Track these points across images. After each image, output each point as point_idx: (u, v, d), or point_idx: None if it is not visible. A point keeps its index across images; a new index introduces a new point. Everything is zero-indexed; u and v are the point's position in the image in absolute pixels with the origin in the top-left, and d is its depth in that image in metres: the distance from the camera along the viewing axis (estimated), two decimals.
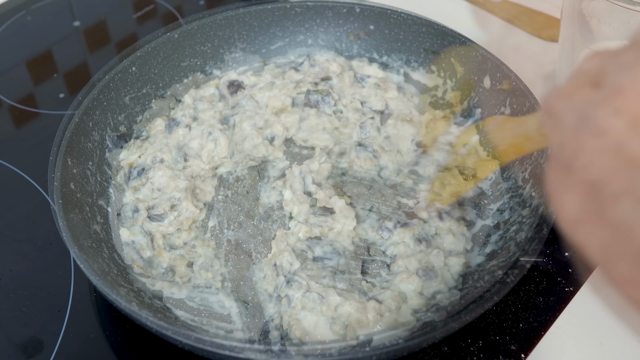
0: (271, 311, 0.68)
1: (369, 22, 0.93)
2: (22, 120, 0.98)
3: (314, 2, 0.93)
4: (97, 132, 0.80)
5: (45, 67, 1.06)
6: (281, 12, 0.94)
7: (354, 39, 0.95)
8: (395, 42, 0.93)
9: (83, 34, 1.13)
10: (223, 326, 0.68)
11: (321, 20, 0.95)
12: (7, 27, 1.14)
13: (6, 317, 0.72)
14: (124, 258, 0.74)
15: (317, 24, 0.95)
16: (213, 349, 0.55)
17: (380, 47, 0.94)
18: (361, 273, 0.71)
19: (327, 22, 0.95)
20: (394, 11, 0.91)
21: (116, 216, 0.78)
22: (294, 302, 0.66)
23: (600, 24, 0.78)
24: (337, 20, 0.95)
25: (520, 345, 0.66)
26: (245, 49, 0.96)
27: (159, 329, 0.57)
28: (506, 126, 0.56)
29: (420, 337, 0.56)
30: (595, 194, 0.31)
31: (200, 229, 0.78)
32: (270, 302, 0.69)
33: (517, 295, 0.71)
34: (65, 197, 0.69)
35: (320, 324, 0.64)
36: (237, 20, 0.93)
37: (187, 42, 0.91)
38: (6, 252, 0.79)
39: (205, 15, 0.92)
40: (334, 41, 0.96)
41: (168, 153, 0.81)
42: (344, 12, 0.94)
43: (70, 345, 0.69)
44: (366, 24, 0.94)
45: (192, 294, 0.71)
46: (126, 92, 0.85)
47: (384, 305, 0.65)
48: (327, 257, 0.71)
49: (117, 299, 0.59)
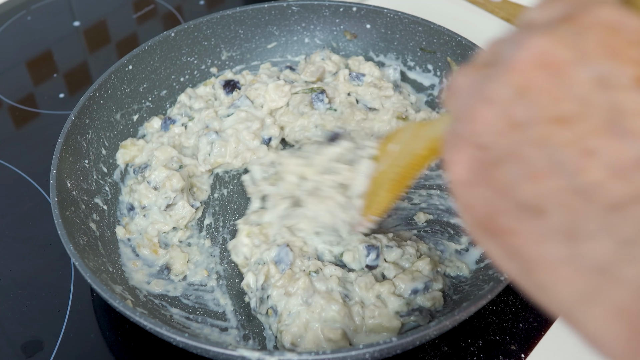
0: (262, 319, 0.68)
1: (365, 21, 0.94)
2: (22, 120, 0.98)
3: (310, 1, 0.93)
4: (94, 130, 0.81)
5: (45, 67, 1.07)
6: (278, 11, 0.94)
7: (350, 38, 0.96)
8: (392, 41, 0.93)
9: (83, 34, 1.14)
10: (218, 324, 0.68)
11: (318, 19, 0.95)
12: (7, 27, 1.14)
13: (6, 317, 0.72)
14: (120, 256, 0.74)
15: (313, 23, 0.95)
16: (207, 346, 0.55)
17: (377, 46, 0.95)
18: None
19: (324, 21, 0.95)
20: (390, 10, 0.91)
21: (112, 214, 0.78)
22: (280, 309, 0.66)
23: None
24: (333, 19, 0.95)
25: (520, 345, 0.66)
26: (241, 47, 0.96)
27: (152, 327, 0.57)
28: (420, 131, 0.59)
29: (413, 334, 0.56)
30: (482, 158, 0.34)
31: (196, 227, 0.78)
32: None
33: (517, 295, 0.70)
34: (61, 194, 0.70)
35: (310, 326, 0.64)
36: (233, 19, 0.93)
37: (184, 41, 0.91)
38: (6, 252, 0.79)
39: (203, 15, 0.93)
40: (331, 40, 0.96)
41: (164, 152, 0.82)
42: (341, 11, 0.94)
43: (70, 345, 0.69)
44: (363, 23, 0.94)
45: (188, 292, 0.72)
46: (122, 90, 0.85)
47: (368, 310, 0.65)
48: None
49: (111, 296, 0.59)
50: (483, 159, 0.34)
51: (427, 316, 0.66)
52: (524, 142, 0.32)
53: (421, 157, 0.58)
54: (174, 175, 0.78)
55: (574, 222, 0.30)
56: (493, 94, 0.34)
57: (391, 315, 0.65)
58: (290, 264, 0.68)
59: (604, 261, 0.29)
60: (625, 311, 0.28)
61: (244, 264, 0.72)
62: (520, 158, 0.32)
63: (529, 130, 0.32)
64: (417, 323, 0.66)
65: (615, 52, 0.31)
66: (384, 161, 0.65)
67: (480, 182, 0.34)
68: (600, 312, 0.29)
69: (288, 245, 0.69)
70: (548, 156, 0.32)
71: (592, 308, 0.30)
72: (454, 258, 0.72)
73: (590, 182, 0.30)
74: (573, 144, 0.31)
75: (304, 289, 0.65)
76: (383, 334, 0.64)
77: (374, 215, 0.67)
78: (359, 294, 0.67)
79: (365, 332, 0.64)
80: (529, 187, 0.32)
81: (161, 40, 0.89)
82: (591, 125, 0.31)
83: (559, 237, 0.31)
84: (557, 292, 0.31)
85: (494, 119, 0.34)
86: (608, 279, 0.29)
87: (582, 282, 0.30)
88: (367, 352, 0.55)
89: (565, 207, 0.31)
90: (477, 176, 0.35)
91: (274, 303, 0.66)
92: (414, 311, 0.66)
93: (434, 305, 0.66)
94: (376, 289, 0.66)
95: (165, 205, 0.77)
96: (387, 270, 0.69)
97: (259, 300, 0.67)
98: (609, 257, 0.29)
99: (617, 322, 0.29)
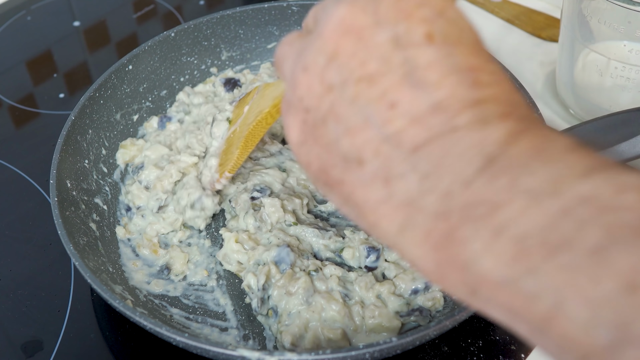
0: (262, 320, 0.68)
1: None
2: (22, 120, 0.98)
3: (310, 1, 0.93)
4: (94, 130, 0.81)
5: (45, 67, 1.07)
6: (278, 11, 0.94)
7: None
8: None
9: (83, 34, 1.14)
10: (218, 324, 0.68)
11: None
12: (7, 27, 1.14)
13: (6, 317, 0.72)
14: (120, 256, 0.74)
15: None
16: (207, 346, 0.55)
17: None
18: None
19: None
20: None
21: (112, 214, 0.78)
22: (280, 310, 0.66)
23: (600, 24, 0.78)
24: None
25: (520, 345, 0.66)
26: (241, 47, 0.96)
27: (152, 327, 0.57)
28: (267, 91, 0.64)
29: (413, 334, 0.56)
30: (308, 120, 0.39)
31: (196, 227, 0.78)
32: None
33: None
34: (61, 194, 0.70)
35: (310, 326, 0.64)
36: (233, 19, 0.93)
37: (184, 41, 0.91)
38: (6, 252, 0.79)
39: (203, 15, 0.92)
40: None
41: (155, 150, 0.81)
42: None
43: (70, 345, 0.69)
44: None
45: (188, 292, 0.72)
46: (122, 90, 0.85)
47: (368, 310, 0.65)
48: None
49: (111, 296, 0.59)
50: (309, 120, 0.39)
51: (427, 316, 0.65)
52: (339, 102, 0.37)
53: (267, 115, 0.63)
54: (165, 176, 0.77)
55: (387, 167, 0.35)
56: (309, 62, 0.38)
57: (391, 315, 0.65)
58: (291, 264, 0.68)
59: (410, 195, 0.34)
60: (429, 234, 0.33)
61: (240, 270, 0.72)
62: (337, 117, 0.37)
63: (341, 92, 0.36)
64: (418, 323, 0.65)
65: (407, 13, 0.35)
66: (237, 121, 0.69)
67: (310, 142, 0.39)
68: (413, 238, 0.34)
69: (289, 245, 0.69)
70: (360, 112, 0.36)
71: (407, 237, 0.34)
72: None
73: (395, 130, 0.34)
74: (379, 99, 0.35)
75: (305, 288, 0.65)
76: (383, 333, 0.64)
77: (228, 172, 0.72)
78: (359, 294, 0.66)
79: (365, 332, 0.64)
80: (348, 141, 0.36)
81: (161, 40, 0.88)
82: (391, 80, 0.35)
83: (377, 181, 0.35)
84: (382, 228, 0.36)
85: (312, 84, 0.38)
86: (414, 210, 0.33)
87: (397, 216, 0.34)
88: (367, 352, 0.55)
89: (378, 155, 0.35)
90: (307, 136, 0.39)
91: (275, 303, 0.66)
92: (414, 311, 0.66)
93: (434, 305, 0.66)
94: (376, 288, 0.66)
95: (157, 207, 0.76)
96: (388, 270, 0.69)
97: (260, 301, 0.67)
98: (414, 191, 0.34)
99: (425, 244, 0.33)
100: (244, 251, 0.71)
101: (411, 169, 0.34)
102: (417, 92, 0.34)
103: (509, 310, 0.30)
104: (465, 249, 0.31)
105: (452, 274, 0.32)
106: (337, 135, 0.37)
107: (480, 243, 0.30)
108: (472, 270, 0.31)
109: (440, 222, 0.32)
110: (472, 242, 0.30)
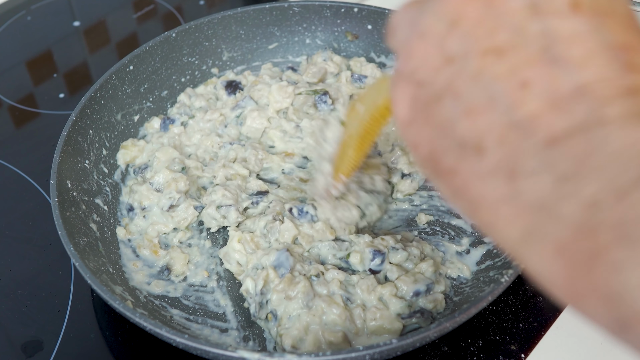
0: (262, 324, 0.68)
1: (366, 21, 0.93)
2: (22, 120, 0.98)
3: (312, 2, 0.93)
4: (94, 130, 0.81)
5: (45, 67, 1.07)
6: (279, 12, 0.94)
7: (351, 39, 0.96)
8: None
9: (83, 34, 1.14)
10: (218, 325, 0.68)
11: (319, 19, 0.95)
12: (7, 27, 1.14)
13: (6, 317, 0.72)
14: (120, 256, 0.74)
15: (314, 24, 0.95)
16: (207, 347, 0.55)
17: (378, 46, 0.94)
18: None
19: (325, 22, 0.95)
20: (392, 11, 0.91)
21: (113, 215, 0.78)
22: (279, 313, 0.65)
23: None
24: (335, 20, 0.95)
25: (520, 345, 0.66)
26: (242, 48, 0.96)
27: (152, 328, 0.57)
28: (383, 84, 0.59)
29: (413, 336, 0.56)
30: (421, 95, 0.33)
31: (196, 228, 0.78)
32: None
33: (517, 295, 0.70)
34: (61, 195, 0.70)
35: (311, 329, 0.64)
36: (234, 19, 0.93)
37: (185, 41, 0.91)
38: (6, 252, 0.79)
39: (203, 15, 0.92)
40: (332, 41, 0.96)
41: (165, 153, 0.81)
42: (342, 12, 0.94)
43: (70, 346, 0.69)
44: (364, 24, 0.94)
45: (188, 293, 0.72)
46: (123, 90, 0.85)
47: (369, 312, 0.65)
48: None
49: (111, 297, 0.59)
50: (421, 96, 0.33)
51: (428, 318, 0.65)
52: (459, 77, 0.31)
53: (383, 109, 0.57)
54: (181, 178, 0.77)
55: (513, 159, 0.29)
56: (426, 28, 0.33)
57: (393, 318, 0.65)
58: (290, 269, 0.68)
59: (543, 198, 0.28)
60: (565, 248, 0.27)
61: (238, 272, 0.72)
62: (456, 94, 0.31)
63: (463, 64, 0.31)
64: (419, 325, 0.65)
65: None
66: (351, 123, 0.66)
67: (421, 121, 0.33)
68: (542, 250, 0.28)
69: (288, 250, 0.69)
70: (484, 90, 0.30)
71: (533, 246, 0.29)
72: (455, 259, 0.72)
73: (526, 115, 0.29)
74: (508, 76, 0.29)
75: (304, 293, 0.65)
76: (384, 335, 0.64)
77: (343, 175, 0.67)
78: (361, 297, 0.66)
79: (367, 335, 0.64)
80: (466, 124, 0.31)
81: (162, 41, 0.88)
82: (525, 55, 0.29)
83: (499, 175, 0.30)
84: (501, 231, 0.30)
85: (428, 53, 0.32)
86: (547, 217, 0.28)
87: (522, 221, 0.29)
88: (367, 354, 0.55)
89: (503, 143, 0.29)
90: (417, 114, 0.34)
91: (274, 307, 0.66)
92: (416, 313, 0.66)
93: (435, 307, 0.66)
94: (378, 291, 0.66)
95: (168, 206, 0.76)
96: (390, 272, 0.69)
97: (258, 305, 0.67)
98: (548, 194, 0.28)
99: (558, 259, 0.28)
100: (244, 252, 0.71)
101: (545, 166, 0.28)
102: (557, 70, 0.29)
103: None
104: (617, 278, 0.25)
105: (594, 300, 0.27)
106: (454, 116, 0.31)
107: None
108: (627, 304, 0.25)
109: (583, 237, 0.27)
110: (628, 270, 0.25)
